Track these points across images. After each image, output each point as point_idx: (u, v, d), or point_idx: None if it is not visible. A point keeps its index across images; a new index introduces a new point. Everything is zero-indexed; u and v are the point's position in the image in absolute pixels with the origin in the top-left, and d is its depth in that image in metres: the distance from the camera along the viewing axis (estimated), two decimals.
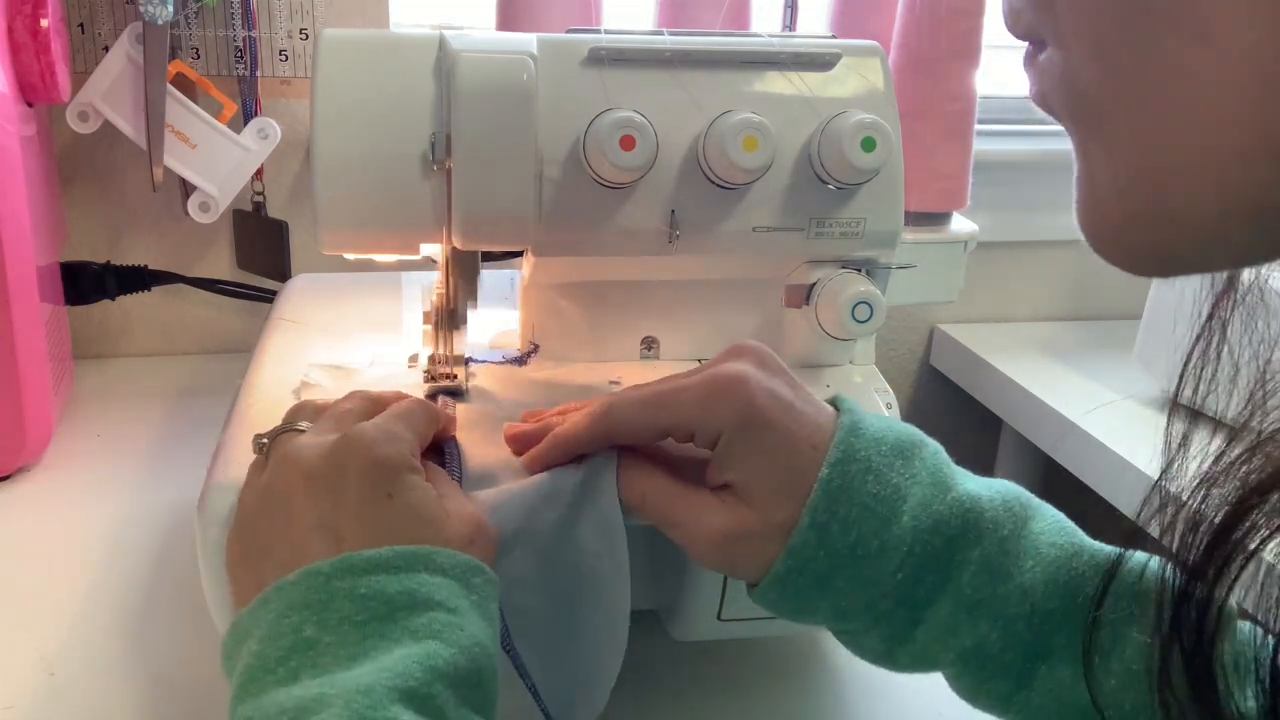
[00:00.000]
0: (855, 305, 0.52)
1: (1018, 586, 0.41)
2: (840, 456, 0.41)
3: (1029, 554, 0.41)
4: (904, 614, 0.42)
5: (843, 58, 0.53)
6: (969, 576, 0.41)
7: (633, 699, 0.54)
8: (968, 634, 0.41)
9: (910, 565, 0.41)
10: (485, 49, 0.48)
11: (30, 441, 0.70)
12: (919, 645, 0.42)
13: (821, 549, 0.41)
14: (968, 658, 0.42)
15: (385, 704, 0.33)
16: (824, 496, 0.41)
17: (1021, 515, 0.42)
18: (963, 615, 0.41)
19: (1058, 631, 0.41)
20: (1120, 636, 0.40)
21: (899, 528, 0.41)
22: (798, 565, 0.41)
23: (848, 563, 0.41)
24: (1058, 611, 0.41)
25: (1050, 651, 0.41)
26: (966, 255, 0.82)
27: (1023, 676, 0.42)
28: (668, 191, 0.51)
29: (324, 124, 0.48)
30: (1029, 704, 0.42)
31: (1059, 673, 0.41)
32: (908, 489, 0.41)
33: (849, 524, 0.41)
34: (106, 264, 0.85)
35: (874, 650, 0.43)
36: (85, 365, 0.87)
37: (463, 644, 0.36)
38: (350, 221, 0.50)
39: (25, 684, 0.52)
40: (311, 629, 0.35)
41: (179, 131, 0.80)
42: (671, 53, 0.51)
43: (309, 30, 0.85)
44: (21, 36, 0.67)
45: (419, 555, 0.38)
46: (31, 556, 0.63)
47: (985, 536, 0.41)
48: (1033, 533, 0.42)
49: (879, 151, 0.49)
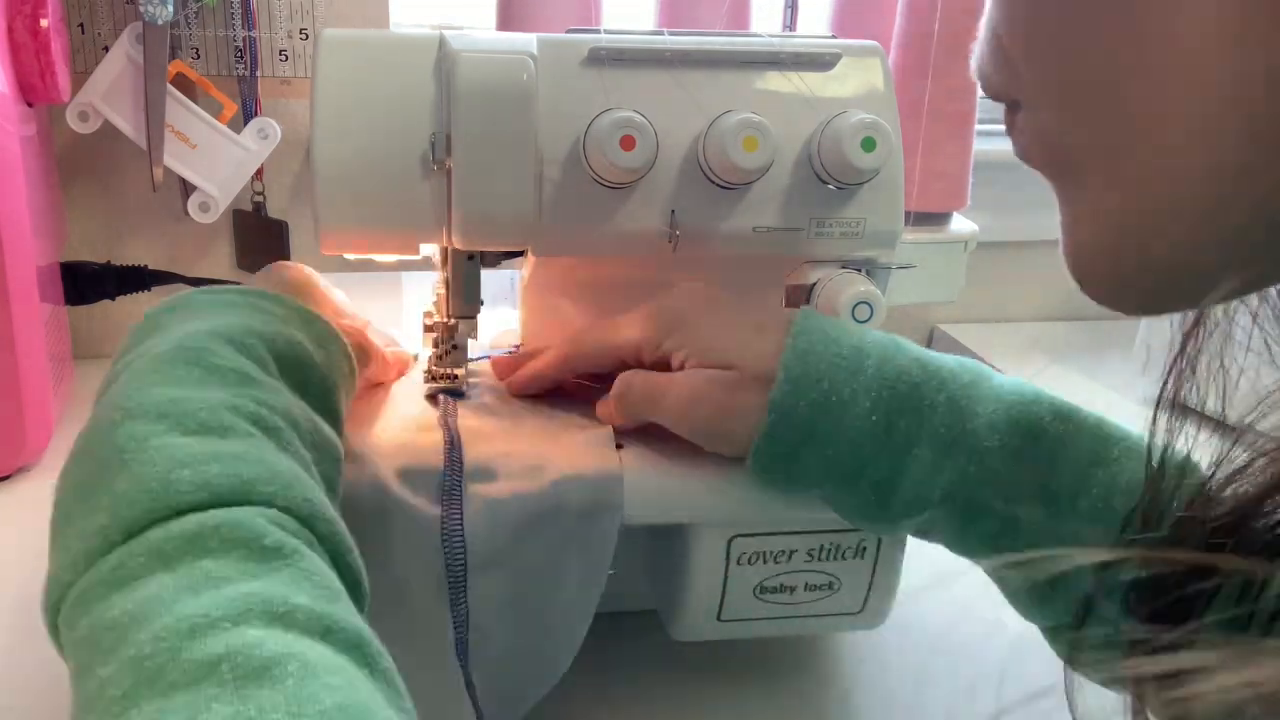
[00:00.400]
0: (855, 305, 0.52)
1: (985, 423, 0.44)
2: (800, 328, 0.45)
3: (989, 399, 0.45)
4: (887, 459, 0.44)
5: (843, 58, 0.53)
6: (940, 417, 0.44)
7: (633, 699, 0.54)
8: (949, 469, 0.44)
9: (881, 409, 0.44)
10: (485, 49, 0.48)
11: (30, 441, 0.70)
12: (906, 489, 0.44)
13: (800, 399, 0.44)
14: (953, 494, 0.44)
15: (205, 339, 0.39)
16: (793, 353, 0.44)
17: (978, 370, 0.46)
18: (941, 453, 0.44)
19: (1027, 472, 0.44)
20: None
21: (865, 377, 0.44)
22: (781, 417, 0.44)
23: (825, 410, 0.44)
24: (1022, 451, 0.44)
25: (1023, 493, 0.44)
26: (966, 255, 0.82)
27: (1004, 518, 0.44)
28: (668, 191, 0.51)
29: (324, 124, 0.48)
30: (1015, 548, 0.44)
31: (1034, 515, 0.44)
32: (868, 348, 0.45)
33: (819, 375, 0.44)
34: (106, 264, 0.85)
35: (869, 503, 0.45)
36: (85, 365, 0.87)
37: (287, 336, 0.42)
38: (350, 221, 0.50)
39: (25, 684, 0.52)
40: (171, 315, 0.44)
41: (179, 131, 0.80)
42: (671, 53, 0.51)
43: (309, 30, 0.85)
44: (21, 36, 0.67)
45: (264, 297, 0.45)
46: (31, 556, 0.63)
47: (947, 382, 0.45)
48: (991, 382, 0.46)
49: (879, 151, 0.49)
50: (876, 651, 0.58)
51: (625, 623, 0.58)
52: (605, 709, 0.54)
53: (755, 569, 0.50)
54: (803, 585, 0.51)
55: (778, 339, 0.45)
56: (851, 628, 0.55)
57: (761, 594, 0.51)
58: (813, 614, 0.52)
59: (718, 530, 0.49)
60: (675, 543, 0.51)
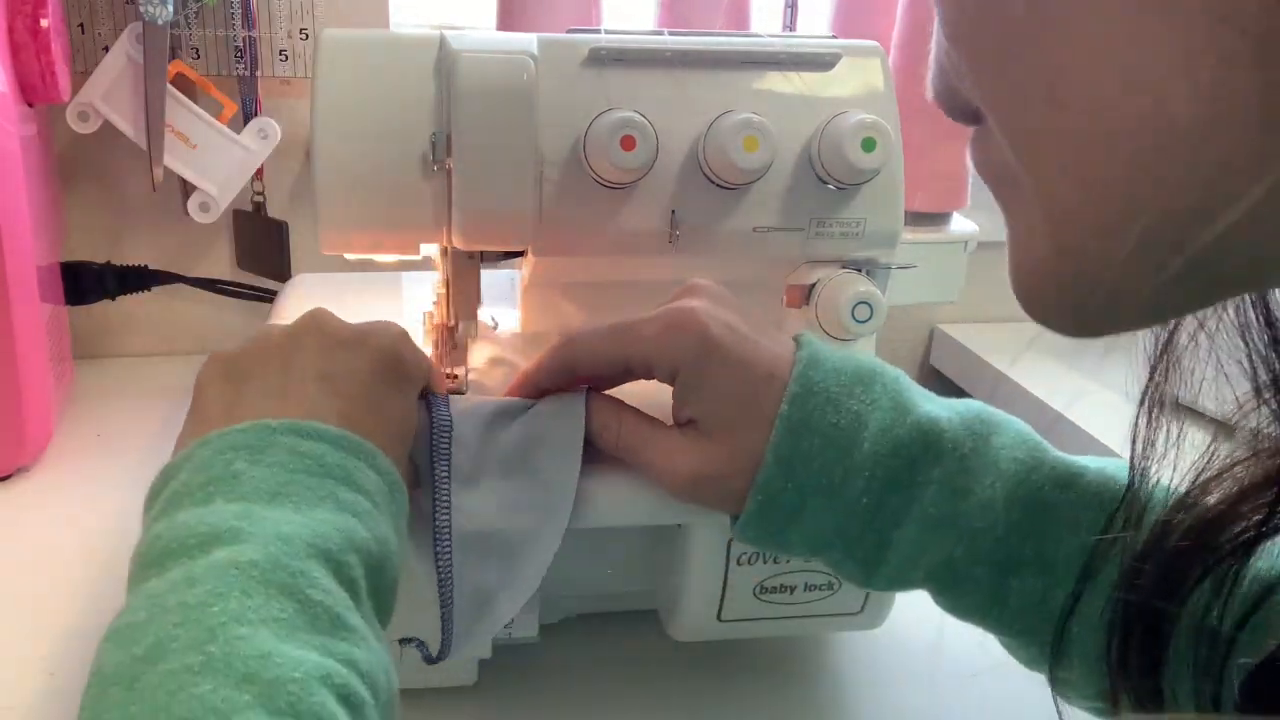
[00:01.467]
0: (855, 305, 0.52)
1: (979, 502, 0.42)
2: (799, 390, 0.43)
3: (989, 470, 0.43)
4: (873, 538, 0.43)
5: (843, 58, 0.53)
6: (931, 495, 0.42)
7: (633, 699, 0.54)
8: (935, 551, 0.43)
9: (874, 489, 0.42)
10: (485, 49, 0.48)
11: (30, 441, 0.70)
12: (891, 566, 0.43)
13: (789, 482, 0.42)
14: (939, 574, 0.43)
15: (302, 555, 0.33)
16: (785, 432, 0.42)
17: (982, 433, 0.44)
18: (928, 534, 0.42)
19: (1023, 544, 0.43)
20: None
21: (860, 454, 0.42)
22: (768, 500, 0.43)
23: (814, 493, 0.42)
24: (1020, 524, 0.43)
25: (1019, 564, 0.43)
26: (966, 255, 0.82)
27: (995, 591, 0.43)
28: (668, 191, 0.51)
29: (324, 124, 0.48)
30: (1005, 618, 0.44)
31: (1029, 585, 0.43)
32: (868, 415, 0.43)
33: (811, 456, 0.42)
34: (106, 264, 0.85)
35: (853, 575, 0.45)
36: (85, 365, 0.87)
37: (378, 535, 0.37)
38: (350, 221, 0.50)
39: (25, 684, 0.52)
40: (241, 464, 0.36)
41: (179, 131, 0.80)
42: (671, 53, 0.51)
43: (309, 30, 0.85)
44: (21, 36, 0.67)
45: (365, 448, 0.39)
46: (31, 556, 0.63)
47: (945, 456, 0.43)
48: (993, 449, 0.43)
49: (879, 151, 0.49)
50: (876, 651, 0.58)
51: (625, 623, 0.58)
52: (605, 709, 0.54)
53: (755, 569, 0.50)
54: (802, 585, 0.51)
55: (782, 395, 0.43)
56: (851, 628, 0.55)
57: (761, 594, 0.51)
58: (812, 614, 0.52)
59: (717, 530, 0.49)
60: (675, 543, 0.51)
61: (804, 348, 0.44)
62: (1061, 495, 0.43)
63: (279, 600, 0.32)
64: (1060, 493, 0.43)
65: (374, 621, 0.36)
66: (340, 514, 0.36)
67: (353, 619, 0.34)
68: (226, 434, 0.37)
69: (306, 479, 0.36)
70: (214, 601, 0.31)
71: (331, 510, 0.36)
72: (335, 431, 0.38)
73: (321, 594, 0.33)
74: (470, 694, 0.53)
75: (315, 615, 0.32)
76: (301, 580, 0.33)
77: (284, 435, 0.37)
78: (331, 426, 0.38)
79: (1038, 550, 0.42)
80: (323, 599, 0.33)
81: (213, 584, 0.31)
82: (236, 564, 0.32)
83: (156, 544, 0.34)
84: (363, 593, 0.35)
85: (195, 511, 0.34)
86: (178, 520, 0.34)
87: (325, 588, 0.33)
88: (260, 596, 0.31)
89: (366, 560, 0.36)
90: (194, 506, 0.35)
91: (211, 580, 0.32)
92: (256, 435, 0.37)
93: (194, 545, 0.33)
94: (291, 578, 0.32)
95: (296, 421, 0.38)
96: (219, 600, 0.31)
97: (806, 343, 0.45)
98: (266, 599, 0.32)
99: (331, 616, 0.33)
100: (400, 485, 0.40)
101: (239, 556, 0.32)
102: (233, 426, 0.37)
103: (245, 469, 0.36)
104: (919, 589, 0.45)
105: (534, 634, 0.51)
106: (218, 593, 0.31)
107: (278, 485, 0.35)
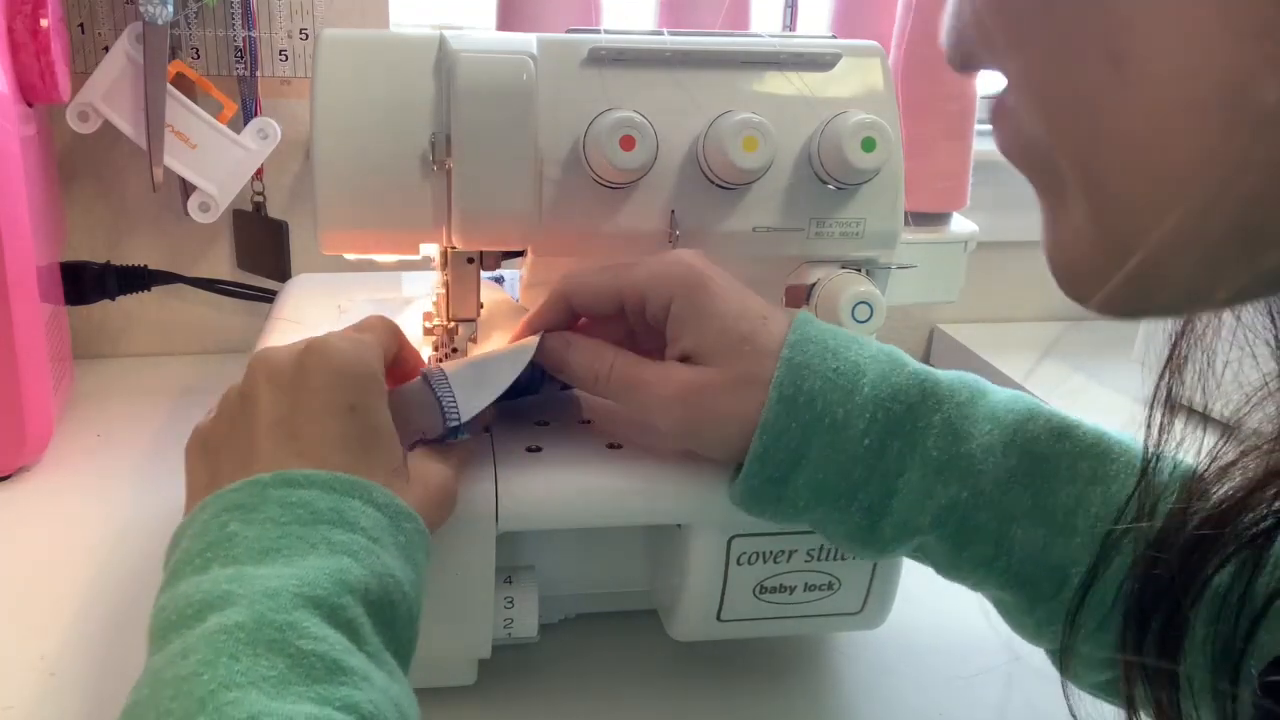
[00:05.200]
0: (855, 305, 0.52)
1: (980, 446, 0.43)
2: (798, 338, 0.44)
3: (986, 418, 0.44)
4: (878, 484, 0.43)
5: (843, 58, 0.53)
6: (933, 439, 0.43)
7: (633, 699, 0.54)
8: (940, 494, 0.43)
9: (875, 431, 0.43)
10: (485, 49, 0.48)
11: (30, 441, 0.70)
12: (897, 514, 0.43)
13: (792, 420, 0.43)
14: (945, 519, 0.43)
15: (288, 608, 0.33)
16: (787, 371, 0.43)
17: (977, 388, 0.45)
18: (932, 477, 0.43)
19: (1023, 492, 0.43)
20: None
21: (860, 397, 0.43)
22: (772, 440, 0.43)
23: (817, 432, 0.43)
24: (1018, 472, 0.43)
25: (1019, 513, 0.43)
26: (966, 255, 0.82)
27: (999, 540, 0.43)
28: (668, 191, 0.51)
29: (324, 124, 0.48)
30: (1010, 569, 0.44)
31: (1031, 535, 0.43)
32: (865, 365, 0.44)
33: (814, 395, 0.43)
34: (106, 264, 0.85)
35: (859, 527, 0.44)
36: (85, 365, 0.87)
37: (376, 569, 0.36)
38: (350, 221, 0.50)
39: (25, 684, 0.52)
40: (236, 525, 0.36)
41: (179, 131, 0.80)
42: (671, 53, 0.51)
43: (309, 30, 0.85)
44: (21, 36, 0.67)
45: (357, 485, 0.38)
46: (31, 556, 0.63)
47: (944, 402, 0.44)
48: (989, 400, 0.44)
49: (879, 151, 0.49)
50: (876, 651, 0.58)
51: (625, 623, 0.58)
52: (605, 709, 0.54)
53: (755, 569, 0.50)
54: (802, 585, 0.51)
55: (780, 339, 0.44)
56: (851, 628, 0.55)
57: (761, 594, 0.51)
58: (812, 614, 0.52)
59: (717, 530, 0.49)
60: (675, 543, 0.51)
61: (801, 312, 0.46)
62: (1058, 445, 0.43)
63: (267, 658, 0.32)
64: (1057, 443, 0.43)
65: (384, 658, 0.35)
66: (332, 557, 0.36)
67: (351, 660, 0.33)
68: (222, 495, 0.37)
69: (298, 529, 0.36)
70: (203, 670, 0.31)
71: (323, 555, 0.35)
72: (325, 475, 0.38)
73: (313, 643, 0.33)
74: (470, 694, 0.53)
75: (309, 666, 0.32)
76: (290, 633, 0.32)
77: (275, 488, 0.37)
78: (322, 471, 0.38)
79: (1036, 499, 0.43)
80: (314, 647, 0.33)
81: (203, 653, 0.32)
82: (224, 628, 0.32)
83: (160, 617, 0.34)
84: (365, 631, 0.35)
85: (193, 580, 0.35)
86: (179, 591, 0.35)
87: (317, 635, 0.33)
88: (248, 658, 0.31)
89: (365, 598, 0.35)
90: (193, 575, 0.35)
91: (202, 649, 0.32)
92: (249, 493, 0.37)
93: (190, 615, 0.33)
94: (279, 632, 0.32)
95: (288, 473, 0.37)
96: (208, 668, 0.31)
97: (802, 312, 0.46)
98: (254, 659, 0.32)
99: (327, 663, 0.33)
100: (407, 513, 0.39)
101: (226, 620, 0.32)
102: (228, 486, 0.37)
103: (239, 530, 0.36)
104: (925, 537, 0.44)
105: (534, 634, 0.51)
106: (206, 661, 0.31)
107: (269, 542, 0.35)
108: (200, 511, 0.37)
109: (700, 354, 0.45)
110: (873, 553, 0.45)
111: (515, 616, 0.51)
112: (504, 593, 0.50)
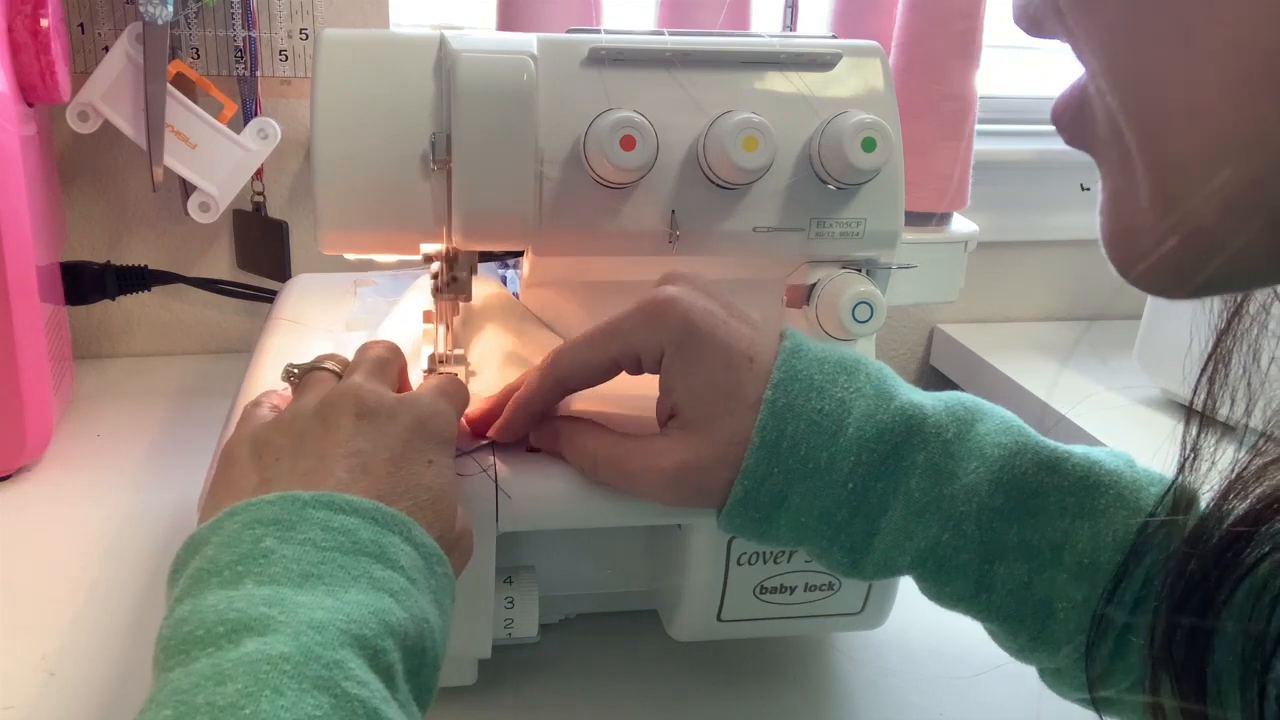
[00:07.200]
0: (855, 305, 0.52)
1: (963, 487, 0.42)
2: (783, 376, 0.43)
3: (973, 455, 0.43)
4: (860, 524, 0.43)
5: (843, 58, 0.53)
6: (916, 480, 0.42)
7: (633, 699, 0.54)
8: (920, 536, 0.42)
9: (859, 475, 0.42)
10: (485, 49, 0.48)
11: (30, 441, 0.70)
12: (878, 553, 0.43)
13: (775, 466, 0.42)
14: (924, 560, 0.43)
15: (337, 645, 0.31)
16: (770, 416, 0.42)
17: (966, 419, 0.44)
18: (913, 519, 0.42)
19: (1007, 529, 0.42)
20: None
21: (845, 439, 0.42)
22: (754, 485, 0.42)
23: (800, 477, 0.42)
24: (1004, 509, 0.42)
25: (1003, 550, 0.43)
26: (966, 255, 0.82)
27: (981, 577, 0.43)
28: (668, 191, 0.51)
29: (324, 124, 0.48)
30: (992, 604, 0.43)
31: (1015, 571, 0.43)
32: (851, 402, 0.43)
33: (797, 440, 0.42)
34: (106, 264, 0.85)
35: (841, 564, 0.44)
36: (85, 365, 0.87)
37: (414, 613, 0.35)
38: (350, 221, 0.50)
39: (25, 684, 0.52)
40: (271, 541, 0.34)
41: (179, 131, 0.80)
42: (671, 53, 0.51)
43: (309, 30, 0.85)
44: (21, 36, 0.67)
45: (399, 520, 0.37)
46: (31, 556, 0.63)
47: (929, 441, 0.43)
48: (977, 434, 0.43)
49: (879, 151, 0.49)
50: (877, 652, 0.58)
51: (625, 623, 0.58)
52: (605, 709, 0.54)
53: (755, 569, 0.50)
54: (802, 585, 0.51)
55: (765, 376, 0.43)
56: (851, 628, 0.55)
57: (761, 594, 0.51)
58: (812, 614, 0.52)
59: (717, 530, 0.49)
60: (675, 543, 0.51)
61: (789, 337, 0.45)
62: (1046, 479, 0.43)
63: (313, 695, 0.30)
64: (1045, 477, 0.43)
65: (411, 709, 0.34)
66: (375, 593, 0.34)
67: (388, 711, 0.32)
68: (254, 505, 0.35)
69: (340, 557, 0.34)
70: (245, 703, 0.29)
71: (365, 590, 0.34)
72: (369, 504, 0.36)
73: (357, 687, 0.31)
74: (470, 694, 0.53)
75: (351, 711, 0.30)
76: (337, 673, 0.31)
77: (315, 509, 0.35)
78: (365, 499, 0.37)
79: (1021, 535, 0.42)
80: (358, 692, 0.31)
81: (243, 682, 0.29)
82: (268, 658, 0.30)
83: (181, 629, 0.32)
84: (399, 678, 0.34)
85: (223, 594, 0.33)
86: (205, 603, 0.32)
87: (361, 680, 0.31)
88: (293, 694, 0.30)
89: (403, 643, 0.34)
90: (221, 589, 0.33)
91: (242, 678, 0.30)
92: (286, 509, 0.35)
93: (221, 635, 0.31)
94: (326, 670, 0.31)
95: (329, 494, 0.36)
96: (249, 701, 0.29)
97: (791, 334, 0.45)
98: (299, 695, 0.30)
99: (368, 710, 0.31)
100: (440, 557, 0.38)
101: (269, 649, 0.30)
102: (261, 498, 0.36)
103: (275, 546, 0.34)
104: (905, 575, 0.45)
105: (534, 634, 0.51)
106: (248, 692, 0.29)
107: (310, 566, 0.34)
108: (227, 519, 0.36)
109: (687, 411, 0.44)
110: (858, 580, 0.45)
111: (515, 616, 0.51)
112: (504, 593, 0.50)
